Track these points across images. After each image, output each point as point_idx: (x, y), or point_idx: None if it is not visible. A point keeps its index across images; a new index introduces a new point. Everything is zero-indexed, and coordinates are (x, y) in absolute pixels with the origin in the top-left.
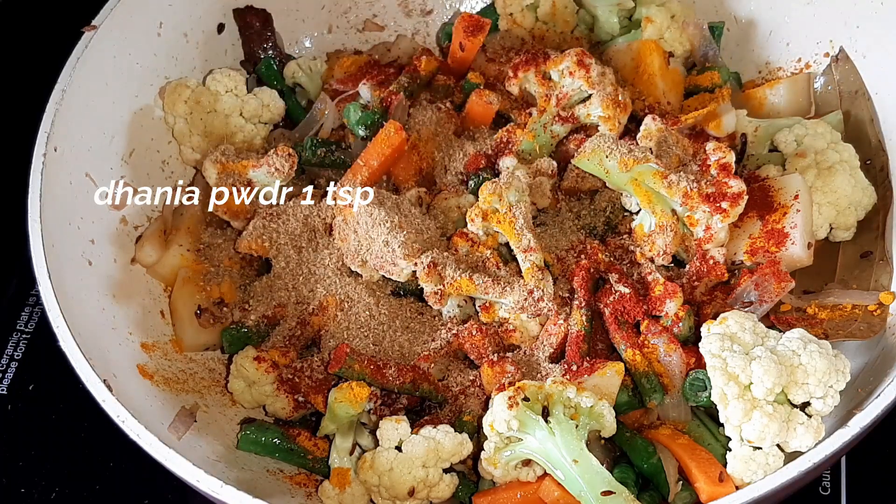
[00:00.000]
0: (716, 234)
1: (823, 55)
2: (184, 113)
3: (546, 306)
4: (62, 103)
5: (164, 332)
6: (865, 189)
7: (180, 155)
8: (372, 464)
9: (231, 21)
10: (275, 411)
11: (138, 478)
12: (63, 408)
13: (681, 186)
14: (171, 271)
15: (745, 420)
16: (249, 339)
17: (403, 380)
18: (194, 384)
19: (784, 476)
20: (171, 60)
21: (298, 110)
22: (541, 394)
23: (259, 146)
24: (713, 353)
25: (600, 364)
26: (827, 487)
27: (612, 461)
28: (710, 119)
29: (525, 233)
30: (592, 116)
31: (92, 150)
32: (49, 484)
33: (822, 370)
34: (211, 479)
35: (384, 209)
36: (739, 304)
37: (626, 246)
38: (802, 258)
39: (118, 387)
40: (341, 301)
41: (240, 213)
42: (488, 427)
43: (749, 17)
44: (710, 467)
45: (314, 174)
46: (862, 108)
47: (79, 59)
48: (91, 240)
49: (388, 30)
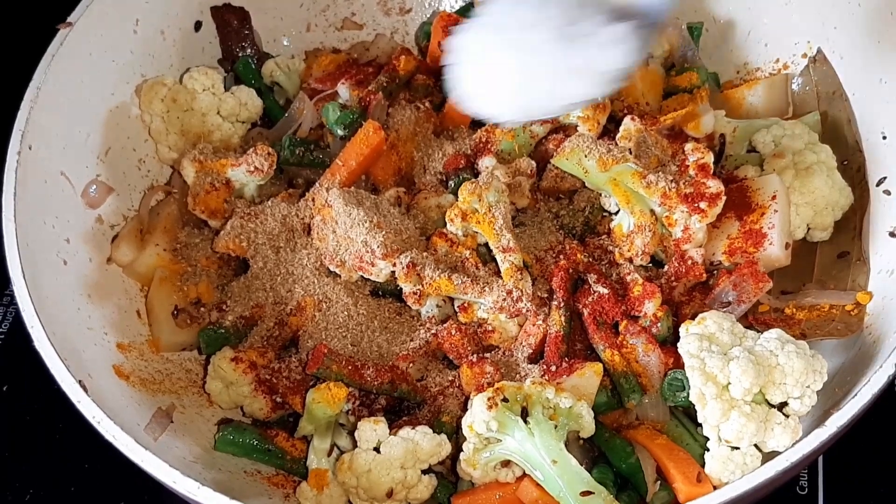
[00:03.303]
0: (694, 234)
1: (801, 56)
2: (160, 111)
3: (525, 307)
4: (37, 101)
5: (140, 333)
6: (842, 190)
7: (157, 153)
8: (350, 465)
9: (208, 19)
10: (252, 412)
11: (114, 479)
12: (38, 409)
13: (659, 186)
14: (148, 271)
15: (723, 420)
16: (227, 339)
17: (382, 380)
18: (171, 385)
19: (761, 476)
20: (147, 58)
21: (276, 109)
22: (520, 394)
23: (236, 145)
24: (691, 353)
25: (579, 364)
26: (804, 487)
27: (590, 461)
28: (689, 119)
29: (504, 233)
30: (571, 116)
31: (67, 148)
32: (23, 485)
33: (800, 370)
34: (188, 481)
35: (363, 209)
36: (718, 305)
37: (605, 246)
38: (780, 258)
39: (94, 387)
40: (319, 301)
41: (217, 213)
42: (467, 428)
43: (727, 18)
44: (687, 467)
45: (292, 174)
46: (839, 108)
47: (54, 56)
48: (66, 239)
49: (367, 28)
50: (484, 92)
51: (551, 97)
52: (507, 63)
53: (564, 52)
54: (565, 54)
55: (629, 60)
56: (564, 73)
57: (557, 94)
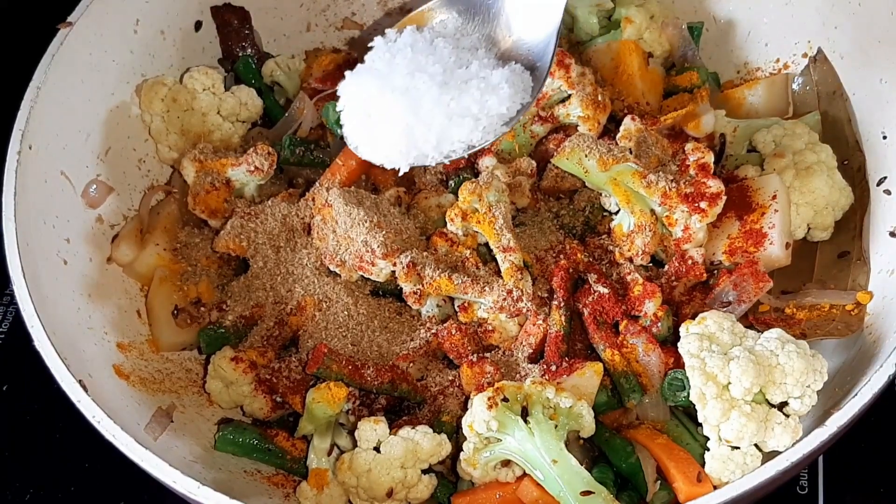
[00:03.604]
0: (694, 234)
1: (802, 56)
2: (161, 111)
3: (525, 306)
4: (37, 101)
5: (140, 332)
6: (843, 189)
7: (157, 153)
8: (350, 465)
9: (209, 19)
10: (252, 412)
11: (114, 479)
12: (38, 409)
13: (659, 186)
14: (148, 271)
15: (724, 420)
16: (227, 339)
17: (382, 380)
18: (171, 384)
19: (762, 475)
20: (147, 58)
21: (276, 109)
22: (520, 394)
23: (237, 145)
24: (692, 352)
25: (579, 364)
26: (804, 486)
27: (590, 461)
28: (689, 119)
29: (504, 233)
30: (572, 116)
31: (67, 148)
32: (24, 485)
33: (800, 370)
34: (188, 480)
35: (363, 209)
36: (718, 304)
37: (605, 246)
38: (780, 258)
39: (94, 387)
40: (319, 301)
41: (217, 213)
42: (467, 428)
43: (728, 18)
44: (688, 467)
45: (292, 173)
46: (839, 108)
47: (54, 56)
48: (66, 239)
49: (367, 28)
50: (372, 138)
51: (439, 142)
52: (393, 109)
53: (451, 97)
54: (452, 98)
55: (519, 102)
56: (451, 117)
57: (445, 138)
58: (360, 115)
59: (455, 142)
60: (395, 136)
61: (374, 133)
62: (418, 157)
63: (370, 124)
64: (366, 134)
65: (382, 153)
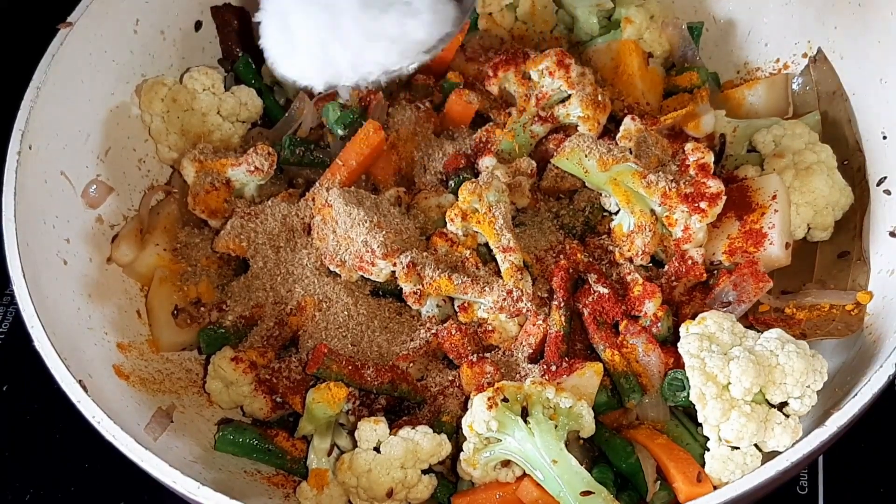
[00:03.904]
0: (694, 234)
1: (801, 56)
2: (160, 111)
3: (525, 306)
4: (37, 101)
5: (140, 332)
6: (843, 189)
7: (157, 153)
8: (350, 465)
9: (208, 19)
10: (252, 412)
11: (114, 479)
12: (38, 409)
13: (659, 186)
14: (148, 271)
15: (723, 420)
16: (227, 339)
17: (382, 380)
18: (171, 385)
19: (761, 476)
20: (147, 58)
21: (276, 109)
22: (520, 394)
23: (236, 145)
24: (691, 353)
25: (579, 364)
26: (804, 487)
27: (590, 461)
28: (689, 119)
29: (504, 233)
30: (572, 116)
31: (67, 148)
32: (23, 485)
33: (800, 370)
34: (188, 480)
35: (363, 209)
36: (718, 305)
37: (605, 246)
38: (780, 258)
39: (94, 387)
40: (319, 301)
41: (217, 213)
42: (467, 428)
43: (728, 18)
44: (688, 467)
45: (292, 173)
46: (839, 108)
47: (54, 56)
48: (66, 239)
49: None
50: (287, 52)
51: (355, 62)
52: (310, 23)
53: (371, 17)
54: (372, 19)
55: (440, 30)
56: (370, 38)
57: (361, 60)
58: (279, 29)
59: (371, 62)
60: (311, 52)
61: (291, 48)
62: (333, 75)
63: (288, 39)
64: (283, 49)
65: (298, 69)
